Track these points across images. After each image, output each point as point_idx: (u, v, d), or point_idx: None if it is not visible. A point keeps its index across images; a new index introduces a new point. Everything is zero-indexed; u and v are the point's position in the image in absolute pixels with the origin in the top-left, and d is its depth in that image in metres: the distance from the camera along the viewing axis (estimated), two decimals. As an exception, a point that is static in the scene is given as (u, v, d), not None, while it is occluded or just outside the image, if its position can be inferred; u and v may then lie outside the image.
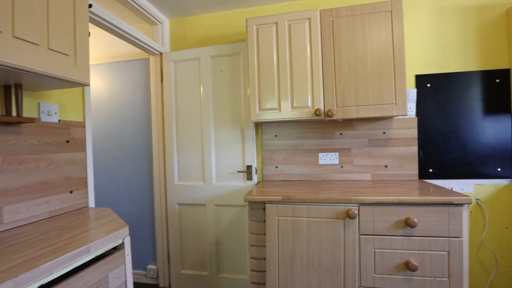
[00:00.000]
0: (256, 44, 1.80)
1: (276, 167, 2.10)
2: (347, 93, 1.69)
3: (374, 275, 1.40)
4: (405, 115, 1.64)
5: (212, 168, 2.11)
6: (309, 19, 1.72)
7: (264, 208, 1.55)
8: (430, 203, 1.33)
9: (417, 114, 1.87)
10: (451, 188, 1.84)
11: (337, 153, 2.00)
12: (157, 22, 2.18)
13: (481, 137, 1.79)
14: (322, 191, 1.59)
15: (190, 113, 2.15)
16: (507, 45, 1.76)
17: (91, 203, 1.52)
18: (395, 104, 1.63)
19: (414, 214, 1.36)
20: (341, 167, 2.00)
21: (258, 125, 2.12)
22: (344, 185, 1.76)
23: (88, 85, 1.18)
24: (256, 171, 2.10)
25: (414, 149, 1.88)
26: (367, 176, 1.95)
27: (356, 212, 1.39)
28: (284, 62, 1.75)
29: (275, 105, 1.77)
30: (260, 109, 1.80)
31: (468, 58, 1.81)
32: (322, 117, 1.72)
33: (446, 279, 1.33)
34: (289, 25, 1.75)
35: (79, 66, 1.11)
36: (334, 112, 1.68)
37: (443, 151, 1.84)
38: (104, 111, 2.45)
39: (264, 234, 1.55)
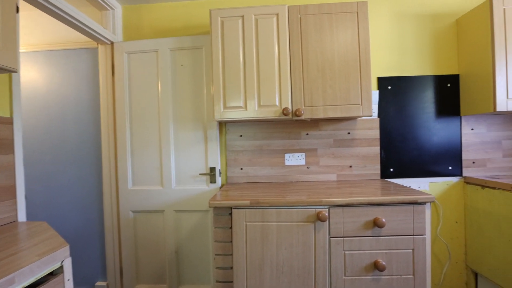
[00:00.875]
0: (221, 38, 1.68)
1: (241, 168, 2.00)
2: (315, 92, 1.66)
3: (344, 277, 1.38)
4: (371, 116, 1.66)
5: (171, 171, 1.93)
6: (277, 14, 1.65)
7: (230, 214, 1.44)
8: (397, 202, 1.35)
9: (379, 115, 1.92)
10: (409, 186, 1.92)
11: (304, 154, 1.97)
12: (108, 8, 1.93)
13: (435, 138, 1.90)
14: (291, 193, 1.53)
15: (147, 111, 1.94)
16: (456, 53, 1.90)
17: (22, 217, 1.25)
18: (361, 104, 1.64)
19: (382, 214, 1.36)
20: (308, 168, 1.97)
21: (222, 125, 2.00)
22: (312, 187, 1.72)
23: (16, 71, 0.95)
24: (220, 173, 1.98)
25: (376, 149, 1.93)
26: (333, 177, 1.96)
27: (327, 214, 1.36)
28: (250, 58, 1.66)
29: (241, 104, 1.67)
30: (225, 107, 1.68)
31: (423, 63, 1.91)
32: (290, 116, 1.66)
33: (411, 276, 1.36)
34: (256, 20, 1.66)
35: (1, 47, 0.88)
36: (302, 112, 1.64)
37: (402, 151, 1.92)
38: (41, 106, 2.11)
39: (231, 241, 1.44)
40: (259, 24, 1.66)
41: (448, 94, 1.90)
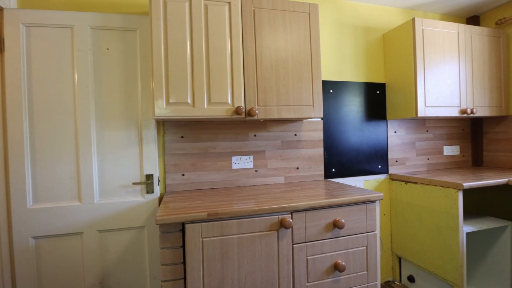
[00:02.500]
0: (163, 22, 1.42)
1: (183, 174, 1.75)
2: (268, 91, 1.57)
3: (307, 284, 1.33)
4: (321, 117, 1.68)
5: (93, 181, 1.53)
6: (229, 3, 1.50)
7: (181, 230, 1.21)
8: (354, 202, 1.38)
9: (322, 117, 1.98)
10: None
11: (252, 156, 1.86)
12: (-8, -41, 1.40)
13: (368, 140, 2.08)
14: (246, 200, 1.40)
15: (57, 104, 1.49)
16: (383, 64, 2.13)
17: None
18: (313, 106, 1.64)
19: (340, 215, 1.37)
20: (256, 171, 1.87)
21: (160, 124, 1.71)
22: (264, 191, 1.63)
23: None
24: (159, 181, 1.68)
25: (320, 150, 1.98)
26: (281, 179, 1.91)
27: (291, 220, 1.28)
28: (199, 49, 1.46)
29: (188, 100, 1.45)
30: (168, 103, 1.43)
31: (358, 70, 2.07)
32: (243, 116, 1.53)
33: (365, 272, 1.41)
34: (206, 5, 1.47)
35: None
36: (256, 111, 1.53)
37: (341, 152, 2.03)
38: None
39: (183, 263, 1.21)
40: (209, 10, 1.47)
41: (378, 100, 2.11)
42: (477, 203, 2.30)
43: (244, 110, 1.53)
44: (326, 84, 1.99)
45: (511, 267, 1.77)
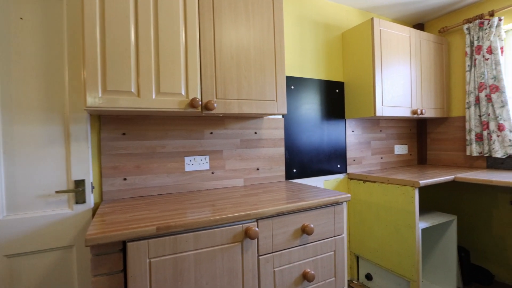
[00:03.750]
0: (98, -11, 1.14)
1: (125, 179, 1.46)
2: (229, 83, 1.39)
3: (274, 299, 1.18)
4: (285, 114, 1.56)
5: (-2, 190, 1.16)
6: (184, -23, 1.28)
7: (122, 250, 0.96)
8: (323, 205, 1.28)
9: (283, 114, 1.88)
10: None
11: (207, 156, 1.66)
12: None
13: (328, 139, 2.04)
14: (204, 207, 1.20)
15: None
16: (342, 62, 2.12)
17: None
18: (276, 101, 1.51)
19: (309, 219, 1.26)
20: (212, 173, 1.67)
21: (94, 118, 1.40)
22: (223, 196, 1.45)
23: None
24: (93, 188, 1.37)
25: (281, 150, 1.87)
26: (240, 182, 1.75)
27: (256, 229, 1.12)
28: (146, 28, 1.21)
29: (132, 88, 1.19)
30: (105, 91, 1.15)
31: (319, 68, 2.01)
32: (199, 110, 1.33)
33: (333, 278, 1.33)
34: (155, -23, 1.23)
35: None
36: (215, 105, 1.34)
37: (302, 152, 1.95)
38: None
39: (124, 291, 0.96)
40: (158, -17, 1.23)
41: (337, 99, 2.08)
42: (423, 199, 2.45)
43: (200, 102, 1.32)
44: (288, 80, 1.89)
45: (456, 257, 1.89)
